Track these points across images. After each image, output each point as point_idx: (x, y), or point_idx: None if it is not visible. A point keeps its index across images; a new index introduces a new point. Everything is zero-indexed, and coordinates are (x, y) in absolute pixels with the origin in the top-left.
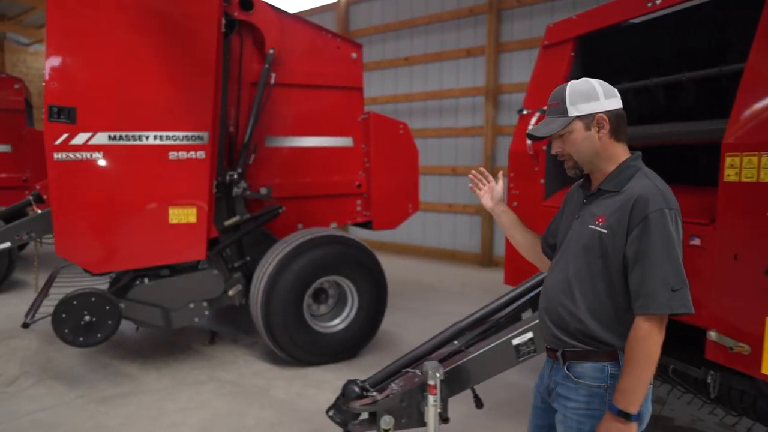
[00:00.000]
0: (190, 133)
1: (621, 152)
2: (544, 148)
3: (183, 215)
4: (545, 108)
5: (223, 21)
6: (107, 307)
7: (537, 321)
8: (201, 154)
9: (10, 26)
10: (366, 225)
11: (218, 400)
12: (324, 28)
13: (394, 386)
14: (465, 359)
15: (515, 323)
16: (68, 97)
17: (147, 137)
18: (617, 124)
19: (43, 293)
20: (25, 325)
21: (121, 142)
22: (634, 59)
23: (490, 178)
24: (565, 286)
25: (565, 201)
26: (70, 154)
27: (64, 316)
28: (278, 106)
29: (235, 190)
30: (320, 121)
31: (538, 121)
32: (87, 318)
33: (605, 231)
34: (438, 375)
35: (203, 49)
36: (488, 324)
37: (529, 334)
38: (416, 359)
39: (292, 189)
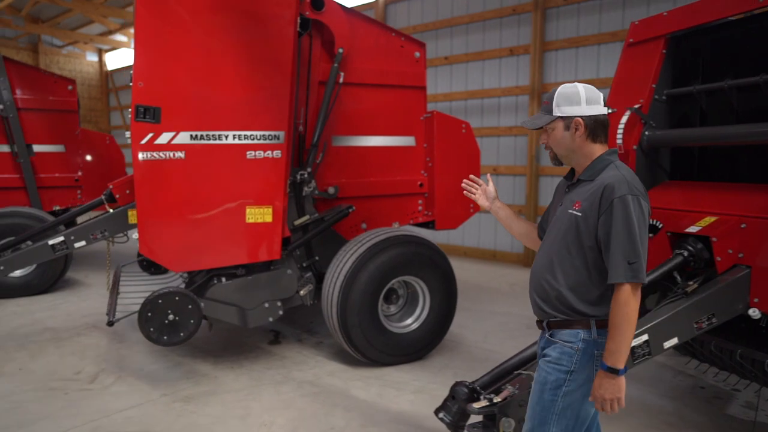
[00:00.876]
0: (267, 132)
1: (597, 150)
2: (635, 147)
3: (259, 214)
4: (636, 106)
5: (298, 20)
6: (190, 306)
7: (652, 323)
8: (277, 154)
9: (45, 28)
10: (427, 225)
11: (301, 401)
12: (388, 26)
13: (511, 388)
14: None
15: None
16: (153, 96)
17: (226, 136)
18: (594, 127)
19: (115, 291)
20: (110, 323)
21: (202, 142)
22: (735, 56)
23: (480, 181)
24: (548, 264)
25: (555, 192)
26: (155, 154)
27: (149, 314)
28: (344, 105)
29: (305, 190)
30: (384, 120)
31: (629, 120)
32: (171, 317)
33: (579, 214)
34: None
35: (280, 48)
36: None
37: (644, 337)
38: (526, 361)
39: (357, 189)
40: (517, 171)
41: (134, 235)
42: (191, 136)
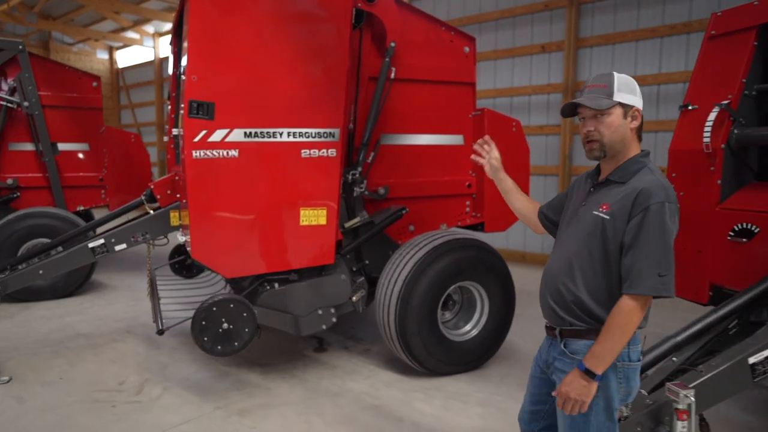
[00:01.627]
0: (322, 130)
1: (636, 147)
2: (723, 146)
3: (314, 216)
4: (724, 102)
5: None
6: (245, 314)
7: None
8: (332, 152)
9: (58, 25)
10: (475, 227)
11: (364, 414)
12: (438, 19)
13: (624, 410)
14: (698, 380)
15: (744, 337)
16: (208, 91)
17: (281, 134)
18: (642, 123)
19: (155, 297)
20: (161, 332)
21: (256, 140)
22: None
23: (491, 143)
24: (567, 268)
25: (572, 187)
26: (208, 152)
27: (204, 323)
28: (393, 102)
29: (356, 191)
30: (433, 118)
31: (717, 117)
32: (225, 326)
33: (607, 217)
34: (690, 398)
35: (336, 41)
36: (708, 337)
37: (767, 352)
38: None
39: (405, 189)
40: (548, 171)
41: (182, 237)
42: (245, 133)
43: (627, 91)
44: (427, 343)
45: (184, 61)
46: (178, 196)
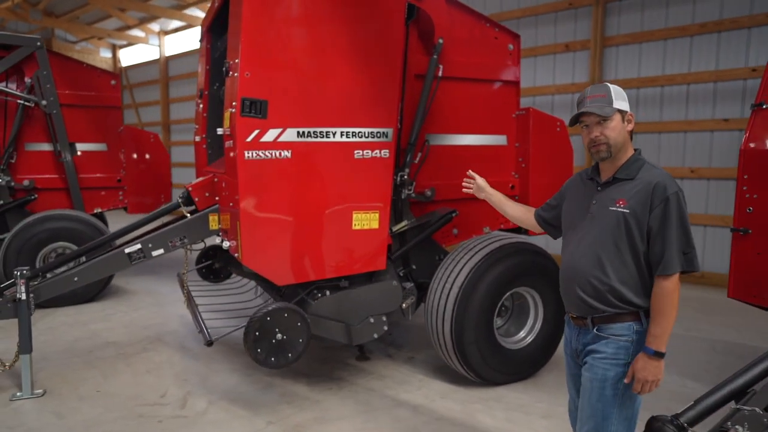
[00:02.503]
0: (375, 130)
1: (631, 147)
2: None
3: (366, 220)
4: None
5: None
6: (299, 324)
7: None
8: (385, 153)
9: (62, 23)
10: (518, 230)
11: (426, 429)
12: (483, 15)
13: (740, 429)
14: None
15: None
16: (261, 88)
17: (334, 134)
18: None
19: (193, 305)
20: (210, 343)
21: (309, 140)
22: None
23: (475, 176)
24: (595, 261)
25: (566, 189)
26: (260, 153)
27: (257, 334)
28: (438, 101)
29: (405, 193)
30: (477, 117)
31: None
32: (279, 336)
33: (628, 211)
34: None
35: (389, 37)
36: None
37: None
38: (739, 392)
39: (450, 191)
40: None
41: (226, 243)
42: (298, 133)
43: (621, 98)
44: (484, 352)
45: (234, 57)
46: (216, 198)
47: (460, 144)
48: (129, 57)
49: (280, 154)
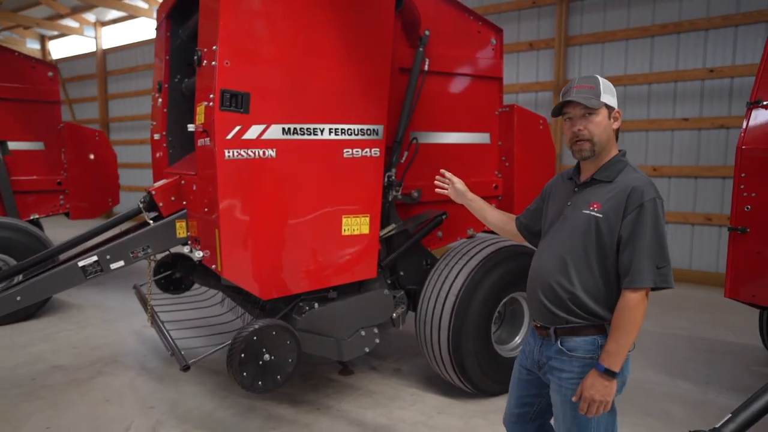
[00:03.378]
0: (365, 126)
1: (616, 148)
2: None
3: (356, 225)
4: None
5: None
6: (288, 342)
7: None
8: (376, 152)
9: None
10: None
11: None
12: (466, 7)
13: None
14: None
15: None
16: (243, 79)
17: (322, 131)
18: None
19: (158, 322)
20: (186, 368)
21: (295, 137)
22: None
23: (450, 176)
24: (561, 265)
25: (547, 191)
26: (242, 152)
27: (243, 356)
28: (423, 96)
29: (392, 194)
30: (461, 114)
31: None
32: (266, 357)
33: (600, 216)
34: None
35: (380, 27)
36: None
37: None
38: None
39: (434, 192)
40: None
41: (198, 253)
42: (283, 129)
43: (610, 93)
44: (482, 362)
45: (209, 44)
46: (184, 203)
47: (444, 142)
48: (60, 49)
49: (263, 153)
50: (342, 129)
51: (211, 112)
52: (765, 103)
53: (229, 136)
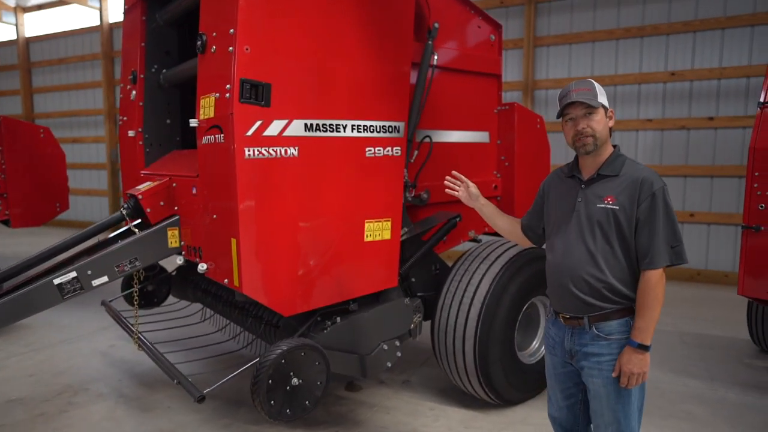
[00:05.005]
0: (387, 123)
1: (610, 145)
2: None
3: (378, 230)
4: None
5: None
6: (317, 363)
7: None
8: (397, 151)
9: None
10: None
11: None
12: (469, 1)
13: None
14: None
15: None
16: (264, 68)
17: (344, 127)
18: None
19: (147, 344)
20: (201, 399)
21: (318, 134)
22: None
23: (463, 178)
24: (589, 258)
25: (545, 189)
26: (263, 150)
27: (271, 382)
28: (430, 93)
29: (406, 197)
30: (463, 112)
31: None
32: (294, 381)
33: (617, 207)
34: None
35: (401, 18)
36: None
37: None
38: None
39: (440, 193)
40: None
41: (202, 265)
42: (306, 125)
43: (603, 95)
44: (507, 371)
45: (221, 28)
46: (176, 208)
47: (448, 141)
48: None
49: (285, 152)
50: (365, 126)
51: (227, 105)
52: None
53: (249, 132)
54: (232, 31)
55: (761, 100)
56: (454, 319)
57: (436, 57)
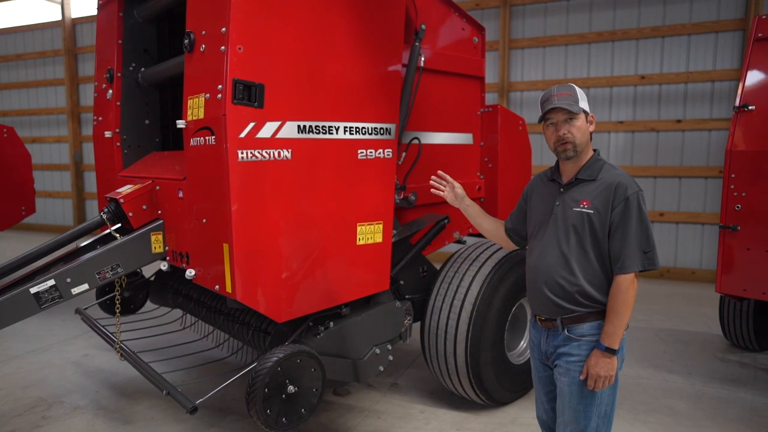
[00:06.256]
0: (378, 125)
1: (590, 149)
2: None
3: (370, 233)
4: None
5: None
6: (313, 370)
7: None
8: (388, 153)
9: None
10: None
11: None
12: (454, 3)
13: None
14: None
15: None
16: (257, 68)
17: (337, 129)
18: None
19: (130, 354)
20: (194, 410)
21: (311, 136)
22: None
23: (448, 178)
24: (562, 262)
25: (528, 192)
26: (257, 153)
27: (267, 391)
28: (417, 94)
29: (395, 198)
30: (449, 114)
31: None
32: (290, 389)
33: (591, 211)
34: None
35: (392, 17)
36: None
37: None
38: None
39: (426, 195)
40: None
41: (190, 271)
42: (299, 127)
43: (584, 99)
44: (498, 372)
45: (212, 26)
46: (159, 212)
47: (433, 143)
48: None
49: (279, 154)
50: (356, 128)
51: (219, 105)
52: (751, 107)
53: (243, 134)
54: (224, 29)
55: (736, 104)
56: (445, 321)
57: (422, 58)
